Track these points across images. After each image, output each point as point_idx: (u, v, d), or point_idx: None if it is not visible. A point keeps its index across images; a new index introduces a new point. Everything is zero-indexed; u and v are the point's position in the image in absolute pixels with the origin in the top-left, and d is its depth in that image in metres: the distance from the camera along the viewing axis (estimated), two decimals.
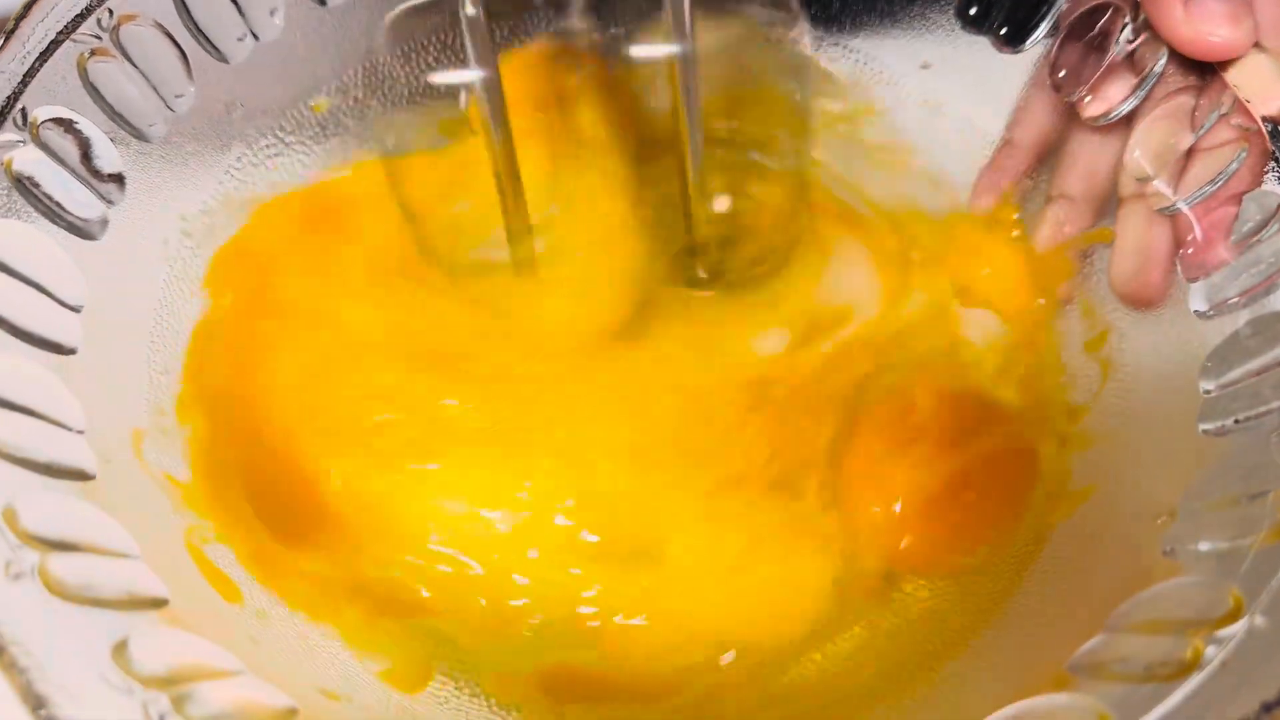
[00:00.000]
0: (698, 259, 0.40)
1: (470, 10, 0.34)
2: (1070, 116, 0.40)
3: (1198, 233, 0.35)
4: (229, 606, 0.31)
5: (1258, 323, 0.33)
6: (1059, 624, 0.31)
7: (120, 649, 0.25)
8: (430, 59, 0.42)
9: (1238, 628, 0.26)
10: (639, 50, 0.40)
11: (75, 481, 0.29)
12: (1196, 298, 0.35)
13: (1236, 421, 0.31)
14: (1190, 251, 0.35)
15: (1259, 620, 0.26)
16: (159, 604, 0.28)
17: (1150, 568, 0.30)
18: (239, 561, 0.33)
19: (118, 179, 0.36)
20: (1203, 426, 0.32)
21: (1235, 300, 0.34)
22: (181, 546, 0.31)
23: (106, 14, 0.36)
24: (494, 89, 0.35)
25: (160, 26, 0.37)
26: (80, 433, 0.31)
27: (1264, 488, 0.29)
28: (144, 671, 0.25)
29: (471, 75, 0.35)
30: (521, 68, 0.41)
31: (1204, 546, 0.29)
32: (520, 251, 0.38)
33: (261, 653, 0.30)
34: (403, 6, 0.38)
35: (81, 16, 0.35)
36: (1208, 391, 0.33)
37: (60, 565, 0.26)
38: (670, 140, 0.37)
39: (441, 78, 0.42)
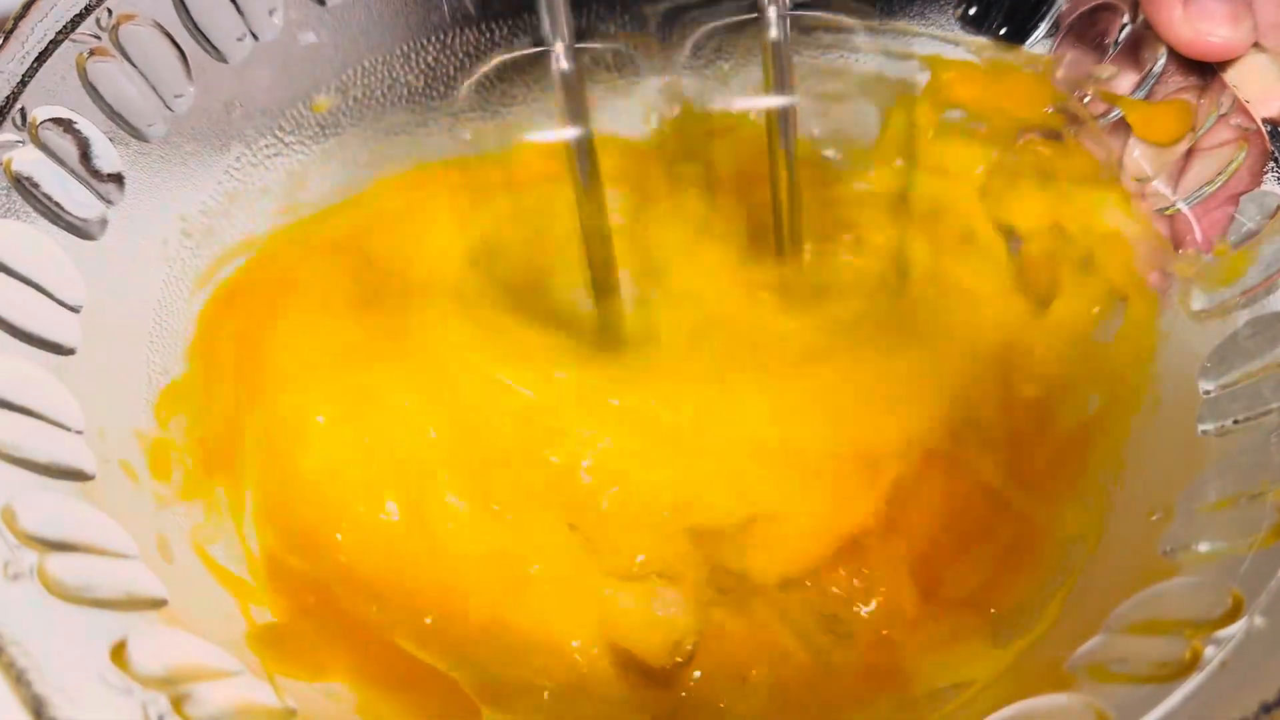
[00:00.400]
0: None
1: (565, 65, 0.33)
2: None
3: (1196, 233, 0.35)
4: (229, 607, 0.31)
5: (1257, 323, 0.33)
6: (1059, 624, 0.31)
7: (119, 649, 0.25)
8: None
9: (1237, 628, 0.26)
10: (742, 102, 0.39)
11: (74, 482, 0.29)
12: (1196, 298, 0.35)
13: (1236, 422, 0.31)
14: (1189, 251, 0.35)
15: (1258, 621, 0.26)
16: (158, 604, 0.28)
17: (1149, 568, 0.30)
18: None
19: (117, 179, 0.36)
20: (1202, 427, 0.32)
21: (1234, 300, 0.34)
22: (181, 546, 0.31)
23: (105, 14, 0.36)
24: (587, 146, 0.34)
25: (159, 26, 0.37)
26: (79, 433, 0.31)
27: (1263, 488, 0.29)
28: (143, 672, 0.25)
29: (567, 133, 0.34)
30: None
31: (1203, 547, 0.29)
32: (608, 310, 0.38)
33: None
34: (494, 62, 0.38)
35: (81, 16, 0.35)
36: (1207, 392, 0.33)
37: (59, 565, 0.26)
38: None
39: (536, 136, 0.41)
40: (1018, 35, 0.41)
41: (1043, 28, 0.40)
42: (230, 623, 0.30)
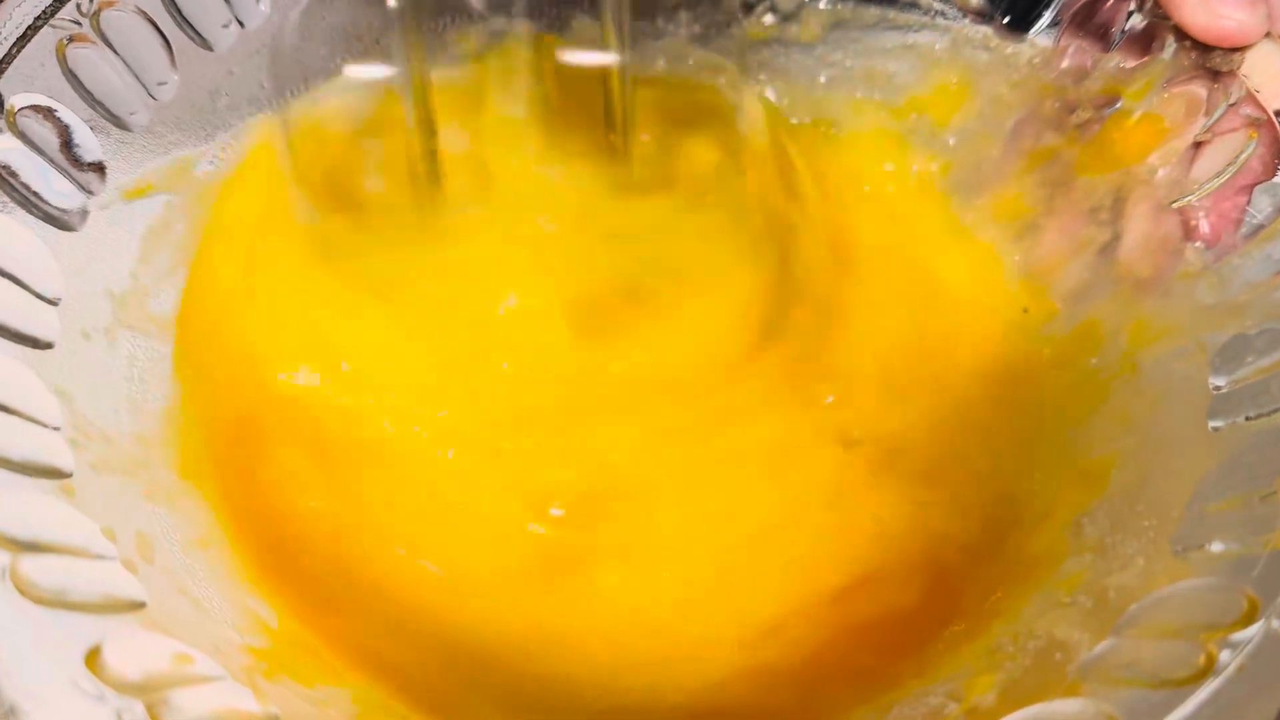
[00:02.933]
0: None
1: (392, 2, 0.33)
2: None
3: (1204, 226, 0.35)
4: (213, 609, 0.30)
5: (1269, 317, 0.32)
6: (1068, 626, 0.30)
7: (94, 655, 0.24)
8: None
9: (1253, 631, 0.25)
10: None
11: (51, 480, 0.28)
12: (1206, 292, 0.34)
13: (1248, 419, 0.30)
14: (1198, 245, 0.35)
15: (1275, 624, 0.25)
16: (136, 607, 0.27)
17: (1160, 569, 0.29)
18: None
19: (98, 168, 0.35)
20: (1213, 424, 0.31)
21: (1246, 295, 0.33)
22: (162, 546, 0.30)
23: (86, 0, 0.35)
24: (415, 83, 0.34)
25: (142, 12, 0.36)
26: (56, 429, 0.30)
27: (1276, 486, 0.28)
28: (118, 678, 0.24)
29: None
30: None
31: (1216, 547, 0.28)
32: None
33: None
34: None
35: (60, 2, 0.34)
36: (1218, 388, 0.32)
37: (32, 567, 0.25)
38: None
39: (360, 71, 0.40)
40: (1021, 25, 0.40)
41: (1046, 17, 0.39)
42: (212, 626, 0.29)
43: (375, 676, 0.32)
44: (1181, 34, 0.36)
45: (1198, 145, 0.35)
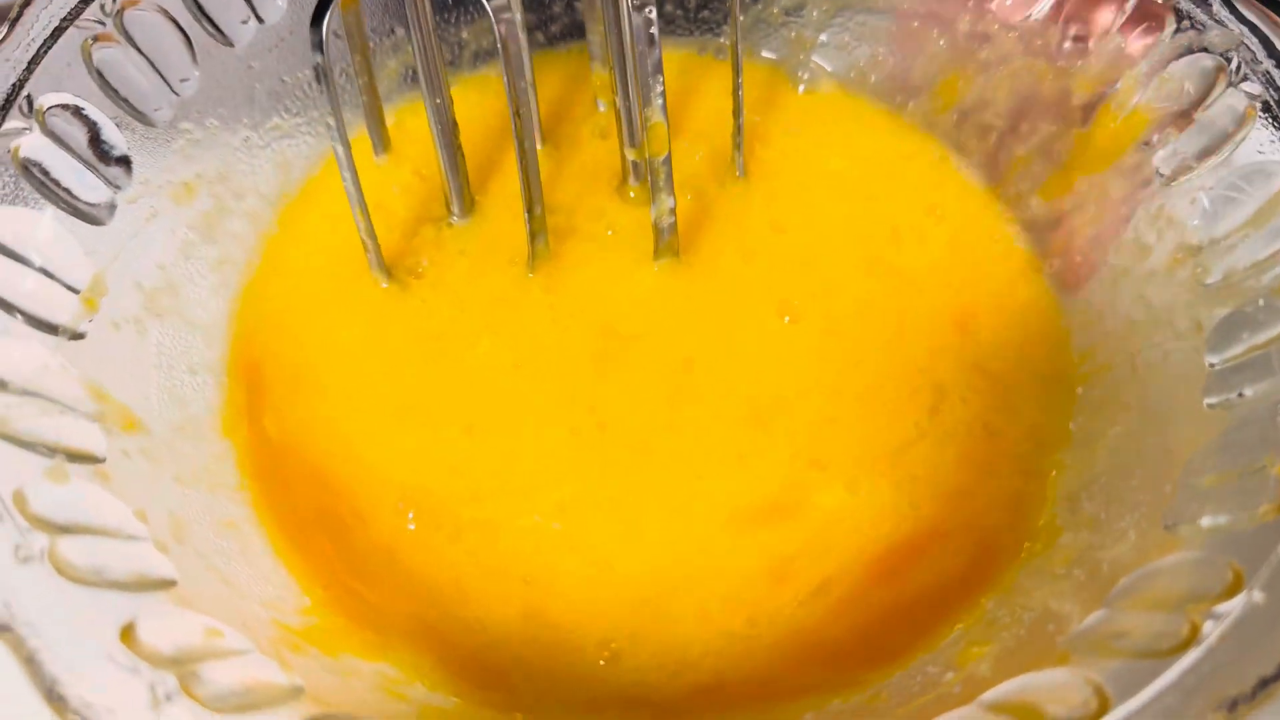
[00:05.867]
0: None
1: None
2: None
3: (1204, 202, 0.35)
4: (238, 587, 0.31)
5: (1268, 295, 0.32)
6: (1061, 598, 0.31)
7: (128, 630, 0.26)
8: None
9: (1236, 603, 0.26)
10: None
11: (85, 465, 0.30)
12: (1209, 271, 0.34)
13: (1241, 395, 0.31)
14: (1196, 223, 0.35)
15: (1257, 596, 0.26)
16: (167, 585, 0.28)
17: (1152, 543, 0.30)
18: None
19: (124, 164, 0.36)
20: (1208, 400, 0.32)
21: (1247, 273, 0.33)
22: (194, 527, 0.32)
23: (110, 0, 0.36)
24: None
25: (164, 11, 0.37)
26: (89, 416, 0.31)
27: (1266, 462, 0.29)
28: (152, 652, 0.25)
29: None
30: None
31: (1205, 521, 0.29)
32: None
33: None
34: None
35: (85, 2, 0.35)
36: (1213, 365, 0.32)
37: (69, 548, 0.27)
38: None
39: None
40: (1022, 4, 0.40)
41: None
42: (241, 602, 0.31)
43: (412, 648, 0.33)
44: (1181, 14, 0.36)
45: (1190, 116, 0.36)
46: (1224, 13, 0.36)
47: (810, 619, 0.34)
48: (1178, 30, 0.36)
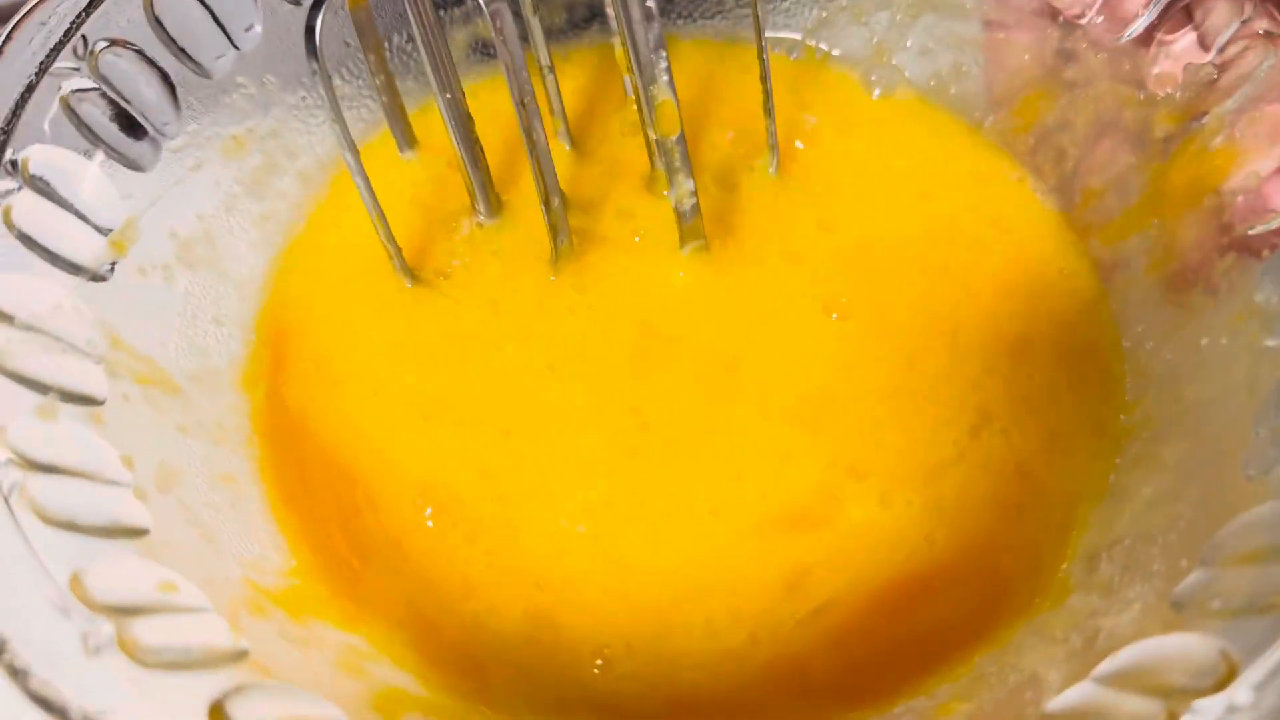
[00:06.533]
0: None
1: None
2: None
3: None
4: (218, 543, 0.31)
5: None
6: (1050, 664, 0.29)
7: (78, 576, 0.26)
8: None
9: (1219, 701, 0.23)
10: None
11: (80, 405, 0.30)
12: (1239, 215, 0.33)
13: None
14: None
15: (1242, 696, 0.23)
16: (138, 534, 0.29)
17: (1154, 619, 0.27)
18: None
19: (173, 110, 0.37)
20: (1247, 471, 0.29)
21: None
22: (184, 479, 0.32)
23: None
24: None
25: None
26: (95, 357, 0.32)
27: None
28: (95, 598, 0.25)
29: None
30: None
31: (1215, 604, 0.26)
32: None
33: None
34: None
35: None
36: (1259, 433, 0.30)
37: (43, 486, 0.27)
38: None
39: None
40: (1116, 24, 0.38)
41: (1145, 17, 0.37)
42: (214, 559, 0.31)
43: (393, 626, 0.33)
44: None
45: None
46: None
47: (804, 642, 0.32)
48: (1271, 65, 0.34)
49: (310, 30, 0.34)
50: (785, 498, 0.34)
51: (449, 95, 0.37)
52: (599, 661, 0.32)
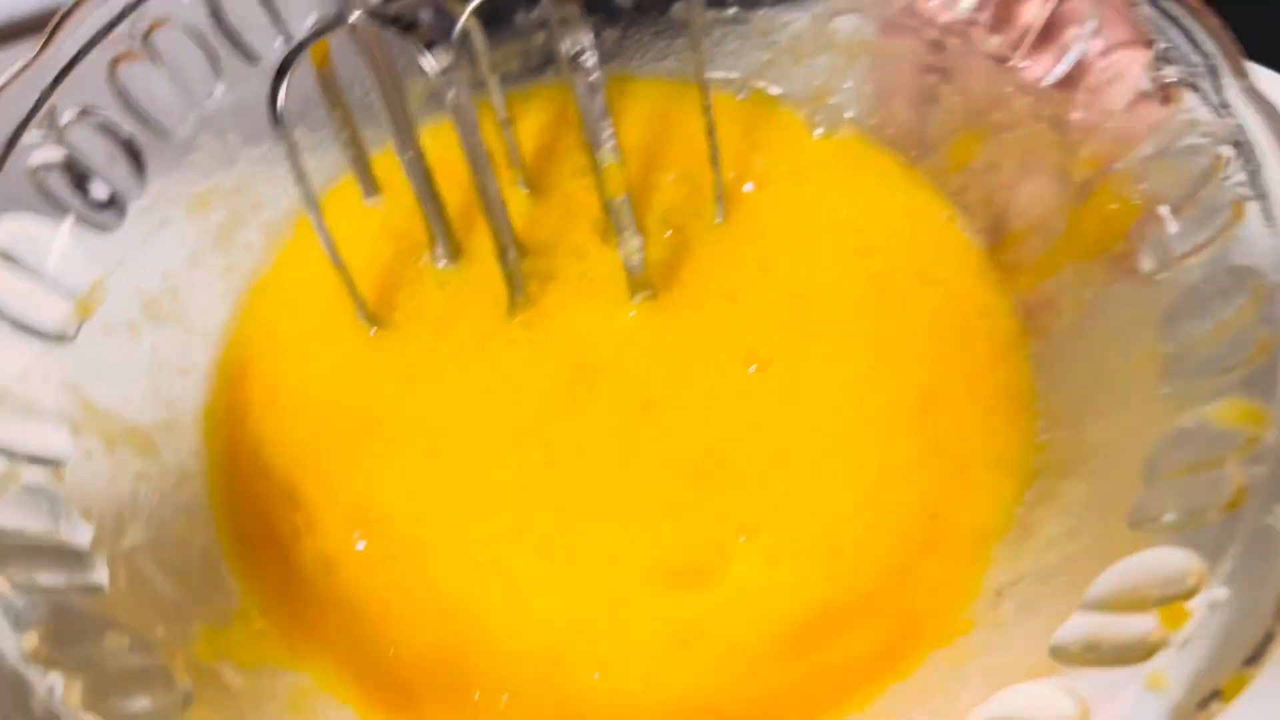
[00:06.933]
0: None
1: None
2: None
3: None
4: (168, 588, 0.34)
5: (1214, 278, 0.32)
6: (1037, 605, 0.31)
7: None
8: None
9: (1200, 600, 0.26)
10: None
11: (42, 466, 0.33)
12: (1145, 258, 0.34)
13: (1160, 521, 0.30)
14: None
15: (1218, 593, 0.26)
16: (95, 591, 0.31)
17: (1034, 663, 0.29)
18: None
19: (139, 173, 0.39)
20: (1129, 519, 0.31)
21: (1185, 256, 0.33)
22: (134, 524, 0.35)
23: (140, 20, 0.39)
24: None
25: (191, 30, 0.40)
26: (59, 417, 0.34)
27: (1223, 454, 0.28)
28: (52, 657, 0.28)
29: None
30: None
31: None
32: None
33: None
34: None
35: (114, 23, 0.38)
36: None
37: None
38: None
39: None
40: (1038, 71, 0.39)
41: (1063, 65, 0.38)
42: (167, 604, 0.33)
43: (333, 659, 0.35)
44: (1195, 95, 0.34)
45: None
46: (1237, 99, 0.34)
47: (705, 686, 0.34)
48: (1186, 114, 0.35)
49: (274, 98, 0.36)
50: (673, 550, 0.36)
51: (410, 155, 0.39)
52: (505, 695, 0.34)
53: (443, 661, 0.35)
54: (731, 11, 0.45)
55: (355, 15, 0.36)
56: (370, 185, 0.44)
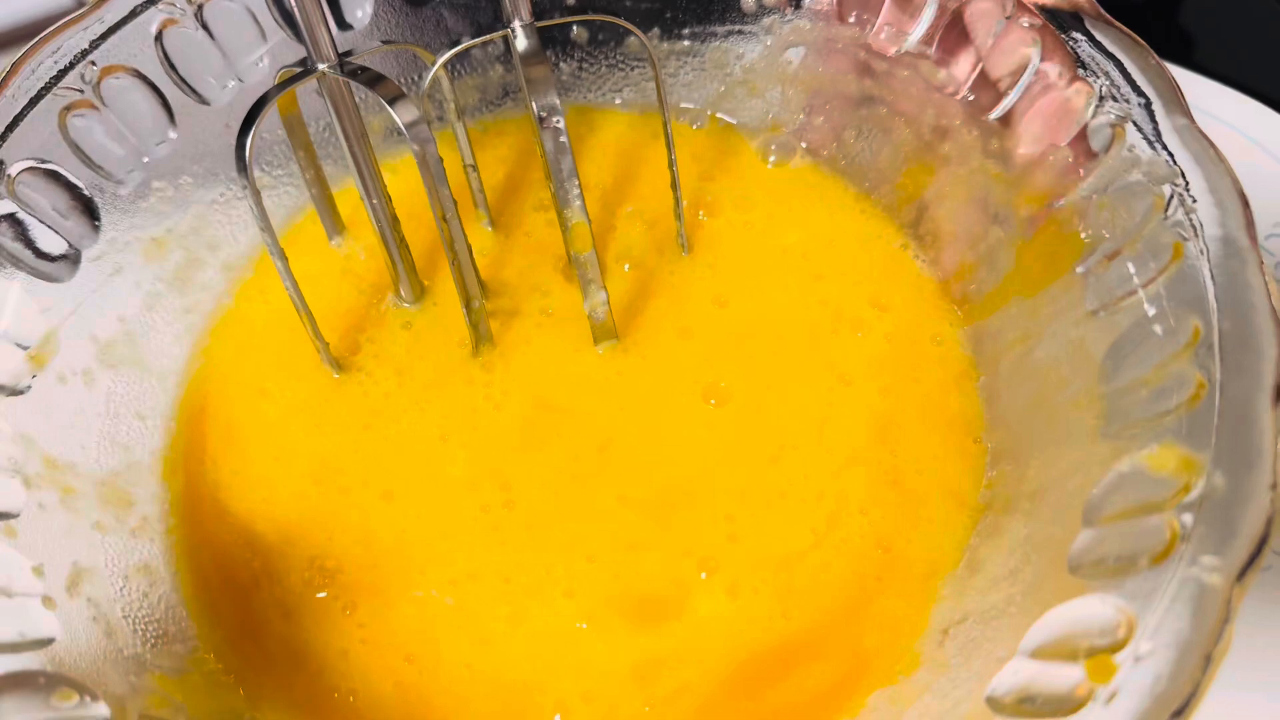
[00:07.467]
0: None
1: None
2: None
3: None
4: (123, 636, 0.34)
5: (1154, 319, 0.32)
6: (979, 647, 0.31)
7: None
8: None
9: (1127, 653, 0.26)
10: None
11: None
12: (1089, 296, 0.35)
13: (1102, 563, 0.30)
14: None
15: (1144, 646, 0.26)
16: (45, 644, 0.31)
17: (969, 711, 0.29)
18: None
19: (92, 223, 0.39)
20: (1070, 560, 0.31)
21: (1125, 294, 0.33)
22: (96, 575, 0.35)
23: (90, 67, 0.39)
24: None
25: (140, 75, 0.40)
26: (10, 473, 0.34)
27: (1158, 501, 0.29)
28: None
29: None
30: None
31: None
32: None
33: None
34: None
35: (64, 72, 0.38)
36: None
37: None
38: None
39: None
40: (982, 108, 0.39)
41: (1009, 99, 0.38)
42: (118, 655, 0.33)
43: (289, 707, 0.36)
44: (1133, 133, 0.35)
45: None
46: (1173, 138, 0.34)
47: None
48: (1126, 152, 0.35)
49: (241, 151, 0.36)
50: (633, 586, 0.36)
51: (375, 201, 0.39)
52: None
53: (402, 707, 0.35)
54: (686, 44, 0.45)
55: (322, 66, 0.36)
56: (334, 226, 0.45)
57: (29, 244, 0.37)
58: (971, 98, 0.39)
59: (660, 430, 0.39)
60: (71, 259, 0.38)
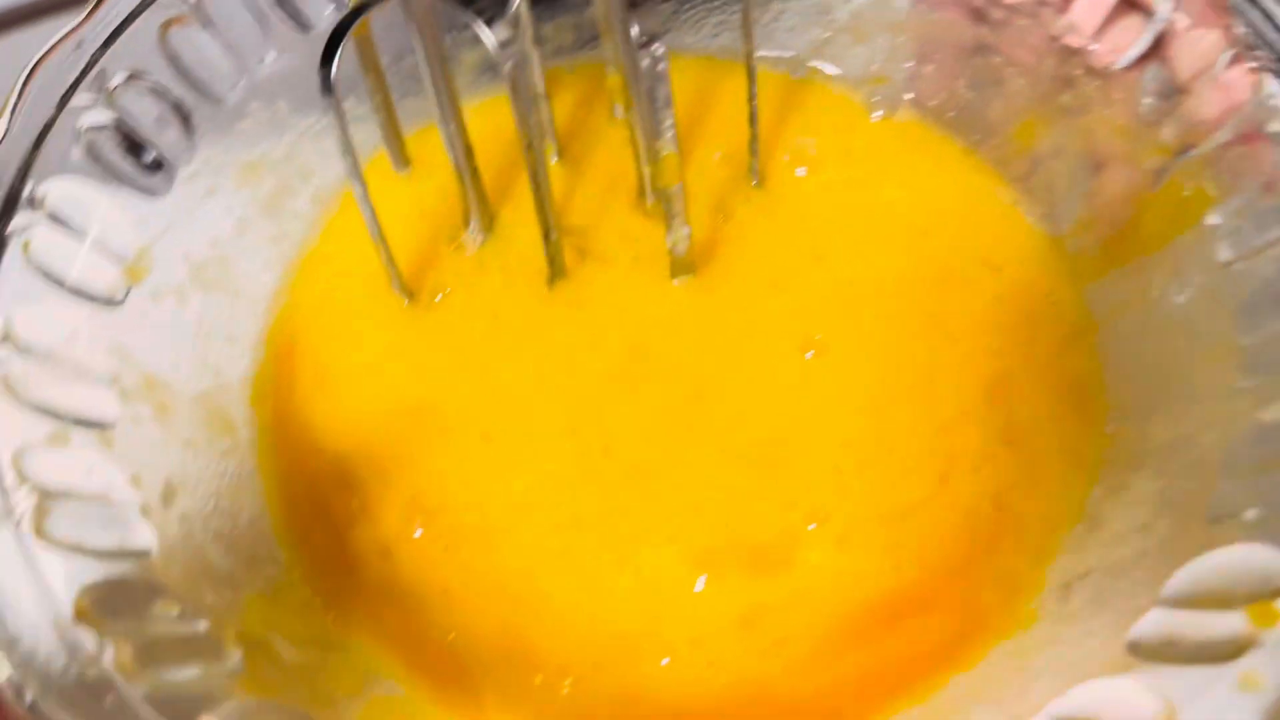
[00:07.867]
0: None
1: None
2: None
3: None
4: (216, 555, 0.33)
5: None
6: (1109, 600, 0.30)
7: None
8: None
9: None
10: None
11: (91, 430, 0.32)
12: (1223, 247, 0.33)
13: (1239, 518, 0.29)
14: None
15: None
16: (143, 555, 0.30)
17: (1108, 659, 0.28)
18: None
19: (188, 139, 0.38)
20: (1209, 514, 0.30)
21: (1265, 248, 0.32)
22: (189, 492, 0.34)
23: None
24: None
25: None
26: (106, 382, 0.33)
27: (1242, 604, 0.27)
28: (104, 623, 0.27)
29: None
30: None
31: (1250, 514, 0.28)
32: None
33: None
34: None
35: None
36: (1245, 345, 0.30)
37: (54, 514, 0.29)
38: None
39: None
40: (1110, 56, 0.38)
41: (1137, 48, 0.37)
42: (214, 571, 0.33)
43: (384, 638, 0.35)
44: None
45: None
46: None
47: (769, 671, 0.33)
48: (1266, 100, 0.34)
49: (327, 66, 0.35)
50: (740, 535, 0.35)
51: (451, 127, 0.39)
52: (569, 681, 0.34)
53: (504, 647, 0.34)
54: None
55: None
56: (400, 157, 0.44)
57: (127, 155, 0.36)
58: (1096, 46, 0.38)
59: (755, 380, 0.38)
60: (167, 174, 0.38)
